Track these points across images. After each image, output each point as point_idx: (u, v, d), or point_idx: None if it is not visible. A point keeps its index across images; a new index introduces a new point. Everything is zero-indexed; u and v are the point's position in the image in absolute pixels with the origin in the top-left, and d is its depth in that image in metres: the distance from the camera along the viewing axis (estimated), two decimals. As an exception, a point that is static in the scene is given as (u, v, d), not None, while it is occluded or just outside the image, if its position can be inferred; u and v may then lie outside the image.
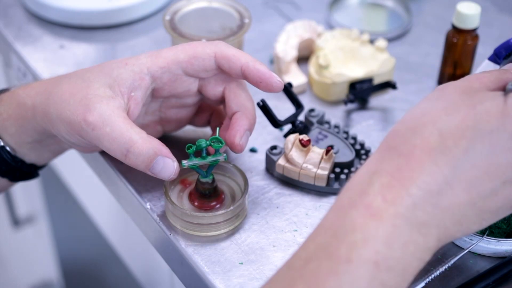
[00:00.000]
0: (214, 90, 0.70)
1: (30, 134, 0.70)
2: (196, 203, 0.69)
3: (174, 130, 0.76)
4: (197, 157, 0.66)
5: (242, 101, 0.69)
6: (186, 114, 0.74)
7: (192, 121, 0.76)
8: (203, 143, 0.66)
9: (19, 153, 0.72)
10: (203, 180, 0.68)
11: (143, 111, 0.72)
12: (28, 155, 0.72)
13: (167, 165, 0.64)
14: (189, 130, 0.78)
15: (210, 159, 0.66)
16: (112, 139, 0.63)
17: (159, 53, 0.68)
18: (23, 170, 0.73)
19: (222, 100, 0.71)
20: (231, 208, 0.67)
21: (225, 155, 0.67)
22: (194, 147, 0.66)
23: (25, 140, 0.71)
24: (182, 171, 0.69)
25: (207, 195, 0.68)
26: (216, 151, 0.67)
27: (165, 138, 0.76)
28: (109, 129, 0.63)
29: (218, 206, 0.69)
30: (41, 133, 0.70)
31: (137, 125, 0.71)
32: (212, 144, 0.66)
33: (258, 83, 0.67)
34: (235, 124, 0.68)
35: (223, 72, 0.69)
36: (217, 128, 0.68)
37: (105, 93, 0.65)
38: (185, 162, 0.66)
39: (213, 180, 0.68)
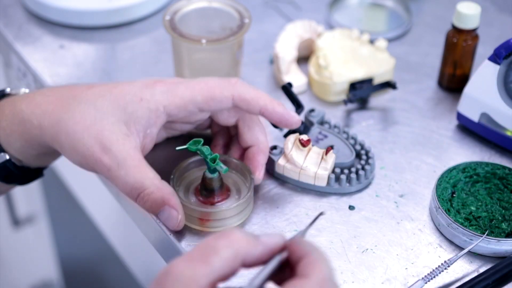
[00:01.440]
0: (227, 121, 0.71)
1: (36, 149, 0.69)
2: (201, 199, 0.69)
3: (178, 134, 0.76)
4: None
5: (256, 134, 0.71)
6: (191, 127, 0.74)
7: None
8: (205, 152, 0.66)
9: (25, 163, 0.71)
10: (210, 176, 0.68)
11: None
12: (34, 163, 0.72)
13: (172, 216, 0.64)
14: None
15: (217, 166, 0.67)
16: (125, 182, 0.64)
17: (175, 91, 0.66)
18: (29, 176, 0.73)
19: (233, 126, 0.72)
20: (240, 201, 0.67)
21: (227, 168, 0.67)
22: (191, 148, 0.66)
23: (31, 153, 0.70)
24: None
25: (213, 191, 0.68)
26: (216, 163, 0.67)
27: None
28: (123, 173, 0.63)
29: (224, 201, 0.69)
30: (47, 148, 0.69)
31: None
32: (218, 162, 0.66)
33: (277, 123, 0.69)
34: (253, 160, 0.70)
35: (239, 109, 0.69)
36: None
37: (120, 131, 0.64)
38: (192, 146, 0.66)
39: (220, 177, 0.68)
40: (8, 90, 0.73)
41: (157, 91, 0.66)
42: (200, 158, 0.71)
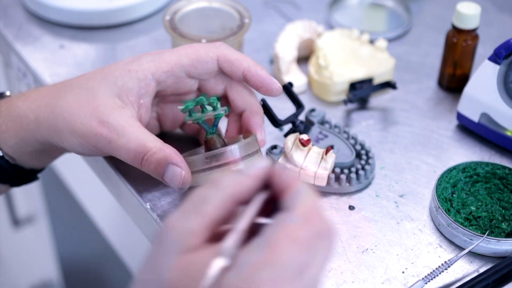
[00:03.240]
0: (214, 89, 0.70)
1: (31, 145, 0.70)
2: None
3: (172, 128, 0.75)
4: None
5: (246, 97, 0.70)
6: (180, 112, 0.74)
7: (182, 127, 0.75)
8: (204, 99, 0.66)
9: (19, 161, 0.71)
10: (211, 136, 0.67)
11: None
12: (28, 162, 0.72)
13: (176, 174, 0.64)
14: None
15: (213, 112, 0.66)
16: (128, 150, 0.65)
17: (161, 57, 0.68)
18: (22, 176, 0.73)
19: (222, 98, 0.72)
20: (248, 140, 0.66)
21: (226, 107, 0.67)
22: (191, 103, 0.66)
23: (26, 150, 0.70)
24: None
25: (215, 149, 0.67)
26: (215, 107, 0.67)
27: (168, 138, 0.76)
28: (125, 140, 0.64)
29: None
30: (43, 143, 0.69)
31: None
32: (213, 105, 0.66)
33: (259, 87, 0.69)
34: (249, 123, 0.70)
35: (223, 73, 0.69)
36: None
37: (115, 103, 0.66)
38: (188, 118, 0.66)
39: (220, 134, 0.68)
40: (8, 93, 0.74)
41: (143, 61, 0.68)
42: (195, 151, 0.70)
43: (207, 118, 0.67)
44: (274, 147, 0.75)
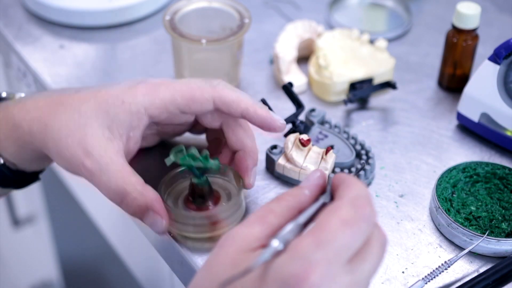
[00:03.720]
0: (211, 124, 0.70)
1: (29, 154, 0.69)
2: (192, 208, 0.68)
3: (172, 138, 0.75)
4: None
5: (241, 138, 0.69)
6: (184, 129, 0.74)
7: (190, 129, 0.75)
8: (195, 154, 0.65)
9: (20, 167, 0.71)
10: (197, 181, 0.67)
11: None
12: (29, 167, 0.72)
13: (156, 222, 0.64)
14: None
15: (203, 163, 0.65)
16: (108, 188, 0.64)
17: (156, 92, 0.66)
18: (24, 180, 0.73)
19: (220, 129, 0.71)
20: (229, 203, 0.67)
21: (217, 162, 0.66)
22: (182, 158, 0.65)
23: (25, 157, 0.70)
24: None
25: (203, 198, 0.67)
26: (204, 162, 0.66)
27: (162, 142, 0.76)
28: (105, 179, 0.63)
29: (217, 206, 0.68)
30: (40, 153, 0.69)
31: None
32: (203, 160, 0.65)
33: (260, 127, 0.67)
34: (239, 165, 0.69)
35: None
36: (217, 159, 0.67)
37: (103, 135, 0.64)
38: (180, 161, 0.65)
39: (207, 181, 0.67)
40: (4, 94, 0.73)
41: (138, 93, 0.66)
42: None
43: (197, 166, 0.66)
44: (274, 147, 0.75)
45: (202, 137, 0.75)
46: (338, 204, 0.49)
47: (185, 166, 0.66)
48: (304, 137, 0.72)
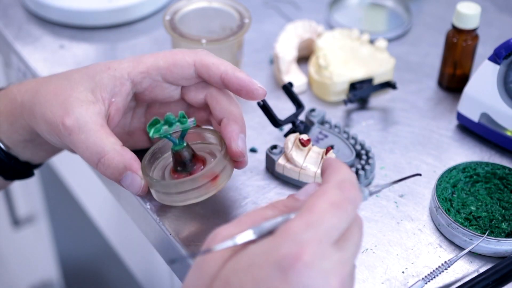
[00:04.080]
0: (195, 97, 0.69)
1: (20, 133, 0.70)
2: (181, 176, 0.65)
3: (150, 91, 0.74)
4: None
5: (225, 106, 0.67)
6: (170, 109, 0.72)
7: None
8: (172, 118, 0.63)
9: (13, 151, 0.72)
10: (178, 149, 0.65)
11: (129, 118, 0.72)
12: (22, 153, 0.73)
13: (134, 181, 0.64)
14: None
15: (180, 125, 0.63)
16: (86, 147, 0.64)
17: (140, 59, 0.68)
18: (17, 168, 0.73)
19: (206, 107, 0.70)
20: (218, 157, 0.64)
21: (193, 119, 0.64)
22: (160, 121, 0.63)
23: (17, 139, 0.71)
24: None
25: (187, 165, 0.65)
26: (182, 122, 0.64)
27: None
28: (83, 137, 0.64)
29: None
30: (30, 132, 0.70)
31: (123, 132, 0.71)
32: (181, 120, 0.63)
33: (239, 91, 0.66)
34: (225, 131, 0.66)
35: (204, 80, 0.68)
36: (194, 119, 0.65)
37: (86, 98, 0.66)
38: (154, 134, 0.63)
39: (188, 145, 0.65)
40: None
41: (124, 60, 0.68)
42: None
43: (175, 132, 0.64)
44: (274, 147, 0.75)
45: None
46: (326, 187, 0.50)
47: (163, 135, 0.63)
48: (304, 137, 0.72)
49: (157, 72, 0.67)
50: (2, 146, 0.71)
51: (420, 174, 0.62)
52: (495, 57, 0.75)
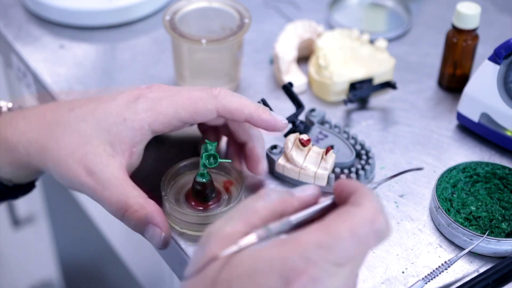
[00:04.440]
0: (216, 123, 0.71)
1: (26, 171, 0.69)
2: (193, 203, 0.68)
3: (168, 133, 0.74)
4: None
5: (247, 130, 0.70)
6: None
7: None
8: (213, 150, 0.66)
9: (16, 182, 0.71)
10: (205, 180, 0.67)
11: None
12: (25, 180, 0.72)
13: (155, 234, 0.63)
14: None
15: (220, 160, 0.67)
16: (110, 204, 0.63)
17: (159, 108, 0.65)
18: (21, 190, 0.73)
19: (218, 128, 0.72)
20: (231, 205, 0.67)
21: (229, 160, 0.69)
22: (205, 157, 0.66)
23: (21, 174, 0.70)
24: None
25: (205, 195, 0.68)
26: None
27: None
28: (108, 194, 0.63)
29: (215, 205, 0.68)
30: (38, 169, 0.68)
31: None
32: (208, 160, 0.66)
33: (265, 129, 0.68)
34: (252, 155, 0.70)
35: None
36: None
37: (105, 151, 0.64)
38: (212, 165, 0.66)
39: (211, 178, 0.68)
40: None
41: (140, 109, 0.65)
42: (193, 162, 0.70)
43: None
44: (274, 147, 0.75)
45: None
46: (356, 212, 0.48)
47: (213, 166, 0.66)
48: (304, 137, 0.72)
49: (178, 121, 0.66)
50: (7, 183, 0.70)
51: (421, 168, 0.61)
52: (495, 57, 0.75)
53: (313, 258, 0.46)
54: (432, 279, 0.64)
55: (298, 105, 0.77)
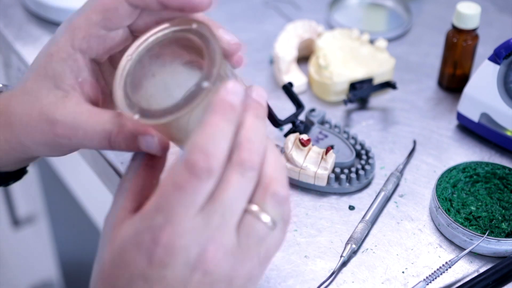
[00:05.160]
0: (147, 25, 0.63)
1: (11, 160, 0.67)
2: None
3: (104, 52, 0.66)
4: None
5: None
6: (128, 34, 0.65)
7: None
8: None
9: (3, 170, 0.69)
10: None
11: (102, 80, 0.66)
12: (12, 168, 0.70)
13: (149, 142, 0.59)
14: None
15: None
16: (90, 139, 0.61)
17: (72, 26, 0.61)
18: (10, 177, 0.72)
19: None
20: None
21: None
22: None
23: (5, 163, 0.67)
24: None
25: None
26: None
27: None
28: (82, 132, 0.60)
29: None
30: (19, 162, 0.67)
31: (107, 93, 0.66)
32: None
33: (183, 8, 0.59)
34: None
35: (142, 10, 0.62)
36: None
37: (56, 96, 0.61)
38: None
39: None
40: None
41: (57, 37, 0.62)
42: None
43: None
44: (274, 147, 0.75)
45: None
46: (174, 162, 0.50)
47: None
48: (304, 137, 0.72)
49: (97, 28, 0.61)
50: None
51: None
52: (495, 57, 0.75)
53: (156, 225, 0.49)
54: (433, 280, 0.64)
55: (298, 105, 0.77)
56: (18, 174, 0.72)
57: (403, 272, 0.66)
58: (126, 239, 0.50)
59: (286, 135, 0.76)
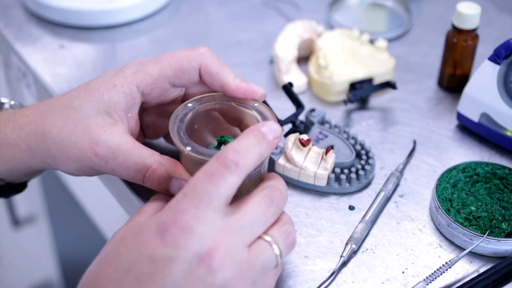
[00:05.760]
0: (199, 93, 0.69)
1: (23, 171, 0.68)
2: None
3: (154, 137, 0.74)
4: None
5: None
6: (164, 122, 0.72)
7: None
8: (226, 138, 0.67)
9: (9, 180, 0.70)
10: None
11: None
12: (19, 180, 0.71)
13: (181, 186, 0.63)
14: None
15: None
16: (127, 169, 0.63)
17: (145, 69, 0.66)
18: (13, 189, 0.72)
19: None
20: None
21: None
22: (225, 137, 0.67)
23: (17, 175, 0.69)
24: None
25: None
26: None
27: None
28: (122, 159, 0.63)
29: None
30: (38, 169, 0.68)
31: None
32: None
33: (243, 98, 0.67)
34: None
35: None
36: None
37: (105, 121, 0.64)
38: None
39: None
40: None
41: (127, 73, 0.66)
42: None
43: None
44: (274, 147, 0.75)
45: None
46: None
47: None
48: (304, 137, 0.72)
49: (165, 81, 0.66)
50: None
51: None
52: (495, 57, 0.75)
53: (180, 207, 0.52)
54: (433, 280, 0.64)
55: (298, 105, 0.77)
56: (21, 186, 0.73)
57: (403, 272, 0.66)
58: (145, 222, 0.54)
59: (286, 135, 0.76)
